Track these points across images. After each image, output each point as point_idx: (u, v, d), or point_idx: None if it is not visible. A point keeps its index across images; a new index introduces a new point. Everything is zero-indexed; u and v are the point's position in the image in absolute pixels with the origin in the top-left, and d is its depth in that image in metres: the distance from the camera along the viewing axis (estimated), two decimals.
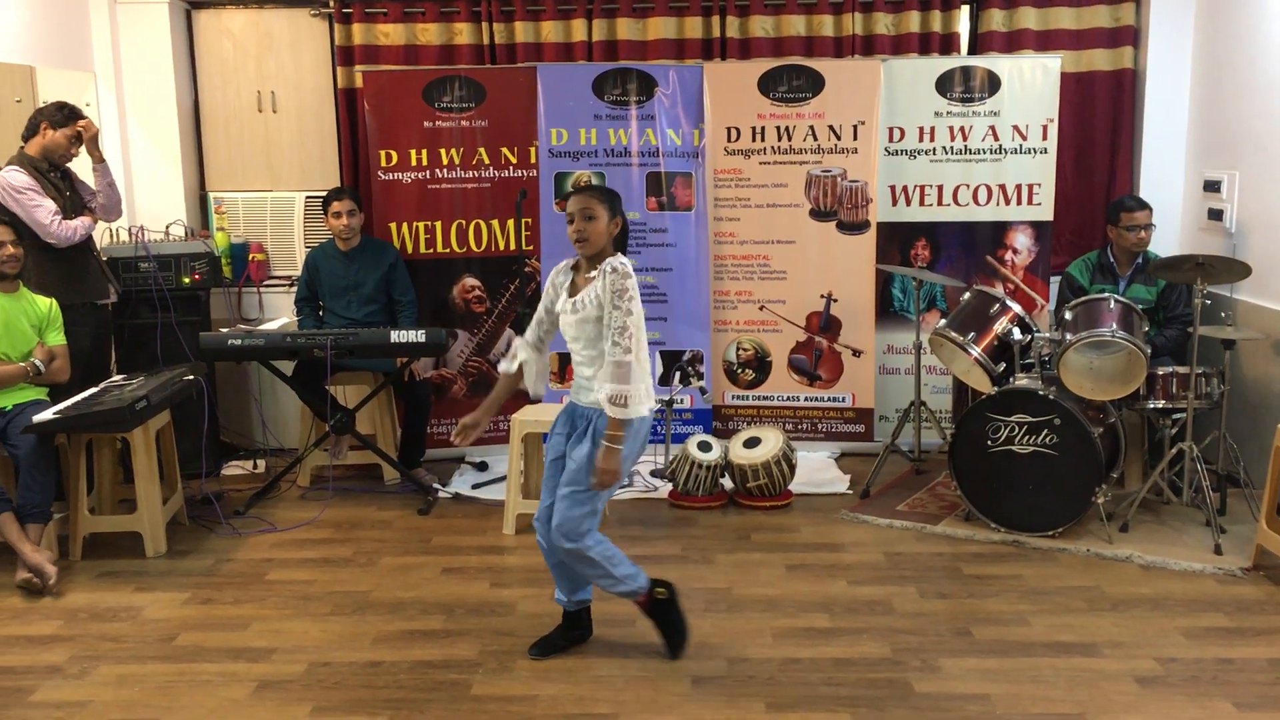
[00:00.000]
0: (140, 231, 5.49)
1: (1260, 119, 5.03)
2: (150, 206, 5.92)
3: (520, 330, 5.66)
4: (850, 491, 5.27)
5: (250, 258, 6.01)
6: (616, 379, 3.27)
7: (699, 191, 5.72)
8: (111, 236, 5.51)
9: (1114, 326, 4.45)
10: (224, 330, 5.18)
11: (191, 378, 4.88)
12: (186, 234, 5.72)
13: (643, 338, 3.32)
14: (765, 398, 5.87)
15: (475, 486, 5.45)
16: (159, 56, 5.87)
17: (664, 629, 3.63)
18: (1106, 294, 4.71)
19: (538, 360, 3.68)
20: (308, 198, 6.04)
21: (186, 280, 5.51)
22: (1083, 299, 4.71)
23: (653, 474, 5.50)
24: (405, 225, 5.73)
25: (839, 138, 5.65)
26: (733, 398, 5.89)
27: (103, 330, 5.19)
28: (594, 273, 3.34)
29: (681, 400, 5.78)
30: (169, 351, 5.39)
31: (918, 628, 3.81)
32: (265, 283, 6.06)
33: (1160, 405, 4.66)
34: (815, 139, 5.66)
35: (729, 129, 5.69)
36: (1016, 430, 4.55)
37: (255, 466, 5.83)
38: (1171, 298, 5.05)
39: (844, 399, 5.81)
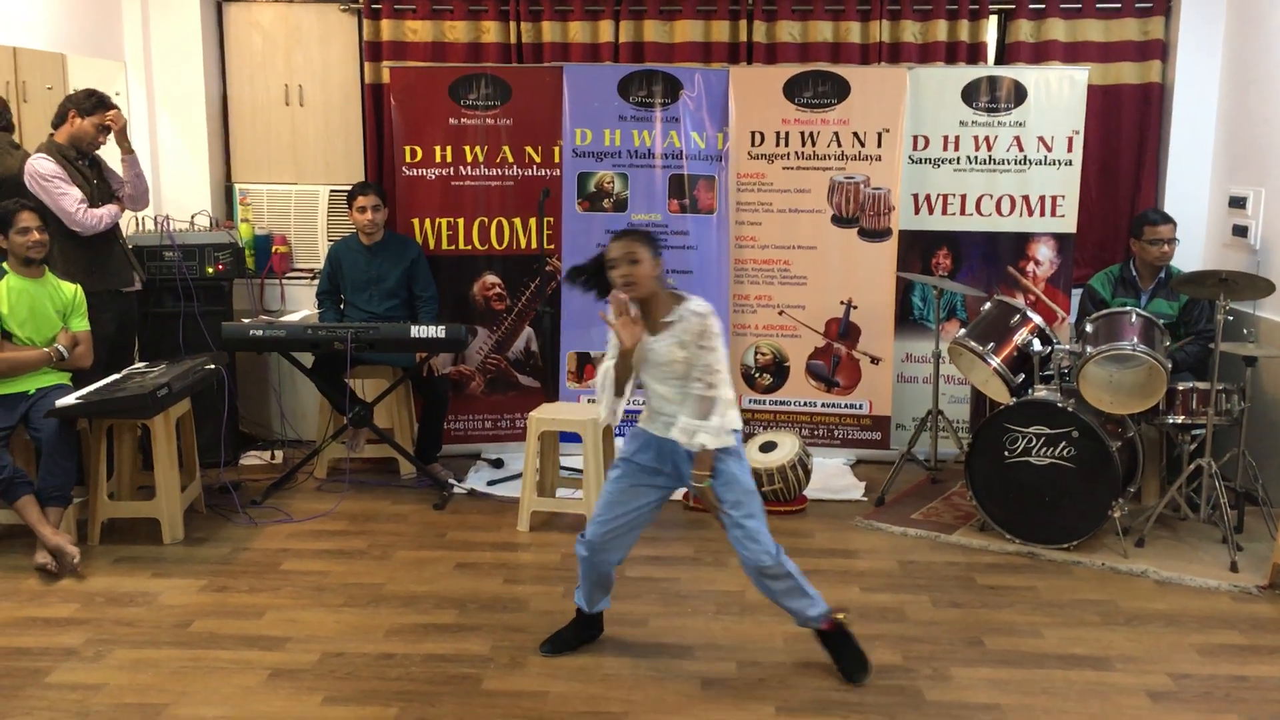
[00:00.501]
0: (166, 221, 5.53)
1: None
2: (176, 196, 5.97)
3: (539, 328, 5.71)
4: (865, 499, 5.27)
5: (273, 250, 6.05)
6: (702, 414, 3.33)
7: (721, 195, 5.72)
8: (137, 225, 5.56)
9: (1135, 340, 4.44)
10: (246, 321, 5.22)
11: (213, 367, 4.92)
12: (211, 224, 5.77)
13: (726, 369, 3.37)
14: (782, 402, 5.87)
15: (490, 483, 5.47)
16: (189, 47, 5.92)
17: (844, 654, 3.53)
18: (1128, 308, 4.70)
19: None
20: (332, 191, 6.08)
21: (210, 270, 5.55)
22: (1104, 312, 4.69)
23: None
24: (428, 221, 5.76)
25: (863, 144, 5.65)
26: (750, 402, 5.89)
27: (127, 318, 5.23)
28: (670, 317, 3.35)
29: None
30: (191, 340, 5.44)
31: (930, 636, 3.80)
32: (288, 275, 6.10)
33: (1180, 421, 4.64)
34: (839, 145, 5.66)
35: (753, 133, 5.70)
36: (1034, 442, 4.54)
37: (273, 457, 5.86)
38: (1194, 313, 5.03)
39: (861, 406, 5.81)
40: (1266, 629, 3.88)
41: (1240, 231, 5.38)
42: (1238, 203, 5.40)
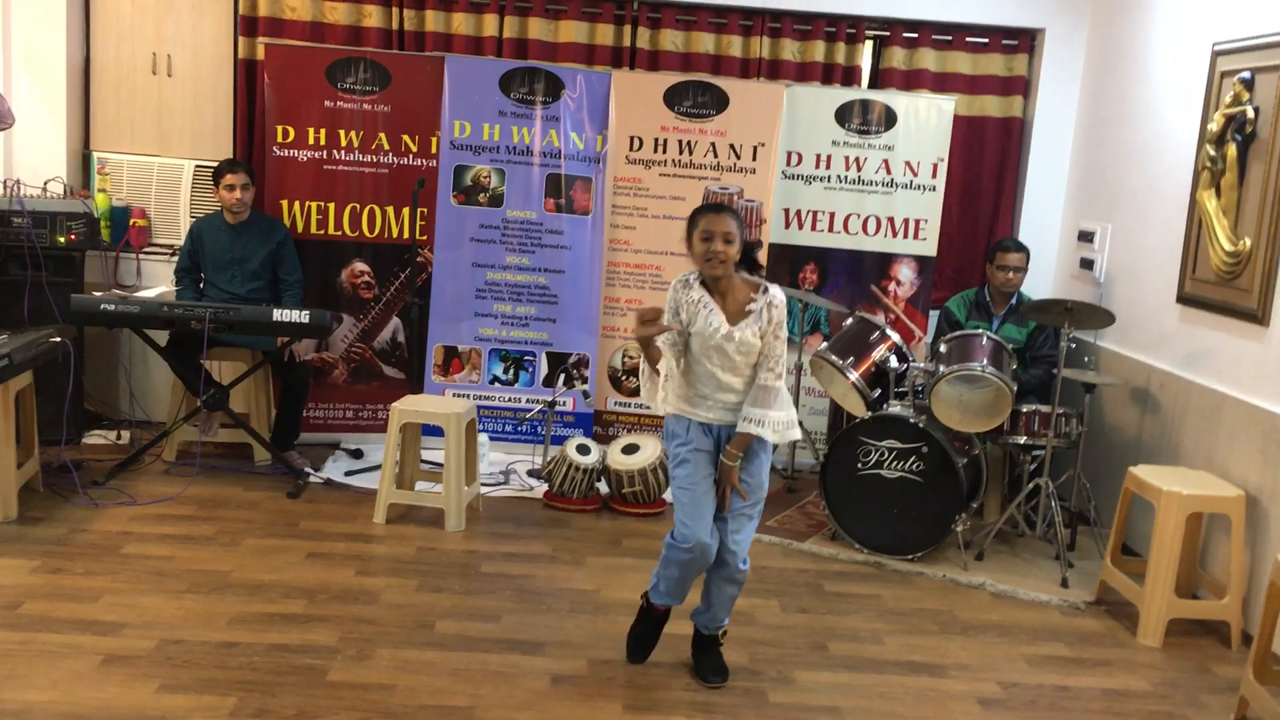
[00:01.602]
0: (16, 185, 5.28)
1: (1135, 176, 5.29)
2: (29, 161, 5.69)
3: (407, 319, 5.63)
4: None
5: (131, 223, 5.82)
6: (767, 404, 3.33)
7: (597, 197, 5.75)
8: None
9: (984, 362, 4.62)
10: (97, 294, 5.02)
11: (59, 340, 4.71)
12: (66, 192, 5.53)
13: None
14: (647, 406, 5.90)
15: (348, 473, 5.38)
16: (51, 5, 5.64)
17: (715, 659, 3.60)
18: (980, 330, 4.89)
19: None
20: (198, 166, 5.88)
21: (62, 240, 5.32)
22: (957, 334, 4.88)
23: (529, 473, 5.50)
24: (298, 204, 5.63)
25: (739, 157, 5.75)
26: (615, 404, 5.93)
27: None
28: (752, 305, 3.32)
29: (564, 403, 5.80)
30: (38, 311, 5.20)
31: (777, 640, 3.89)
32: (145, 250, 5.88)
33: (1022, 441, 4.85)
34: (715, 156, 5.75)
35: (632, 138, 5.75)
36: (886, 455, 4.69)
37: (119, 437, 5.64)
38: (1039, 339, 5.27)
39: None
40: (1091, 642, 4.08)
41: (1087, 264, 5.66)
42: (1086, 237, 5.68)
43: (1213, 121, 4.58)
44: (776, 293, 3.36)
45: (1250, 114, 4.35)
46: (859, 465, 4.73)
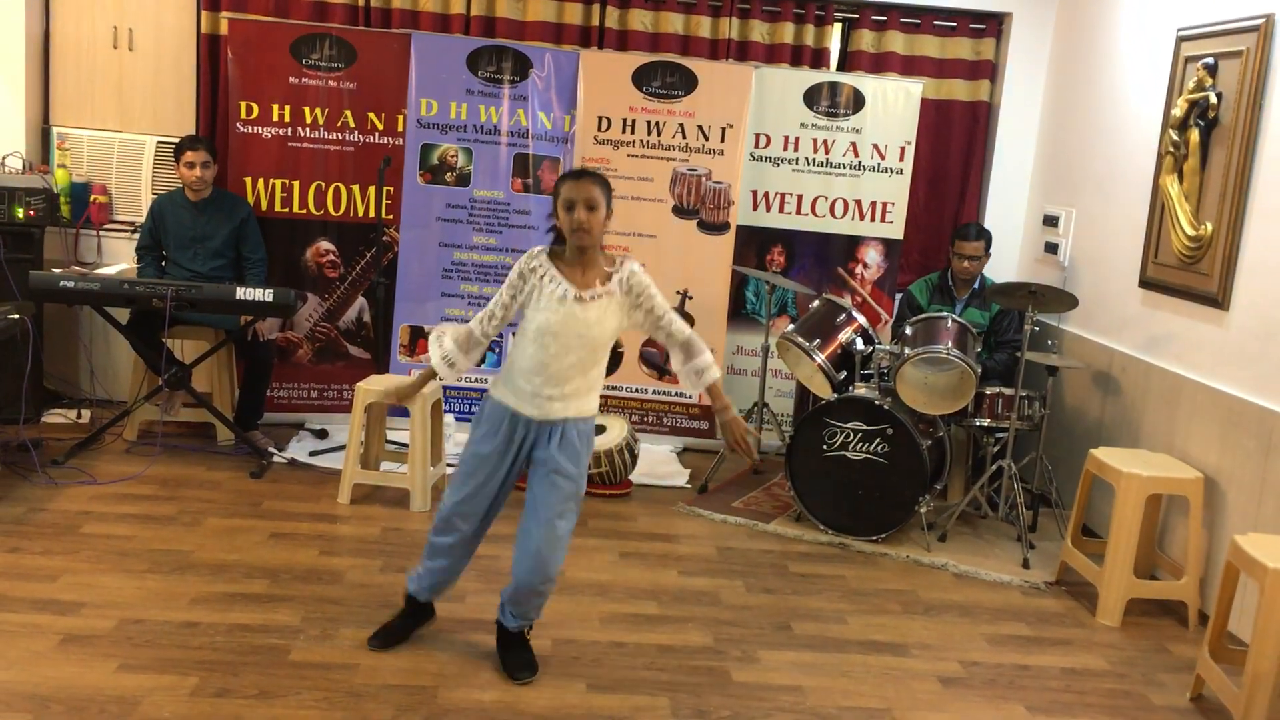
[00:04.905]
0: None
1: (1100, 161, 5.33)
2: None
3: (373, 299, 5.59)
4: (689, 485, 5.37)
5: (92, 199, 5.73)
6: (702, 349, 3.32)
7: None
8: None
9: (949, 345, 4.65)
10: (56, 271, 4.94)
11: (17, 317, 4.64)
12: (25, 167, 5.44)
13: None
14: (614, 388, 5.92)
15: (313, 454, 5.34)
16: None
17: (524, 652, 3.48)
18: (945, 313, 4.92)
19: (475, 356, 3.41)
20: (159, 143, 5.80)
21: (20, 215, 5.24)
22: (922, 316, 4.91)
23: None
24: (261, 181, 5.57)
25: (707, 138, 5.74)
26: None
27: None
28: (610, 284, 3.18)
29: None
30: None
31: (741, 620, 3.91)
32: (106, 226, 5.80)
33: (985, 423, 4.89)
34: (684, 137, 5.74)
35: (600, 118, 5.72)
36: (851, 437, 4.71)
37: (79, 416, 5.57)
38: (1004, 323, 5.30)
39: (690, 395, 5.91)
40: (1050, 622, 4.13)
41: (1051, 248, 5.70)
42: (1051, 221, 5.72)
43: (1176, 107, 4.62)
44: (633, 266, 3.24)
45: (1213, 99, 4.38)
46: (824, 447, 4.75)
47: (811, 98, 5.77)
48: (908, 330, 4.82)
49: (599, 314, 3.18)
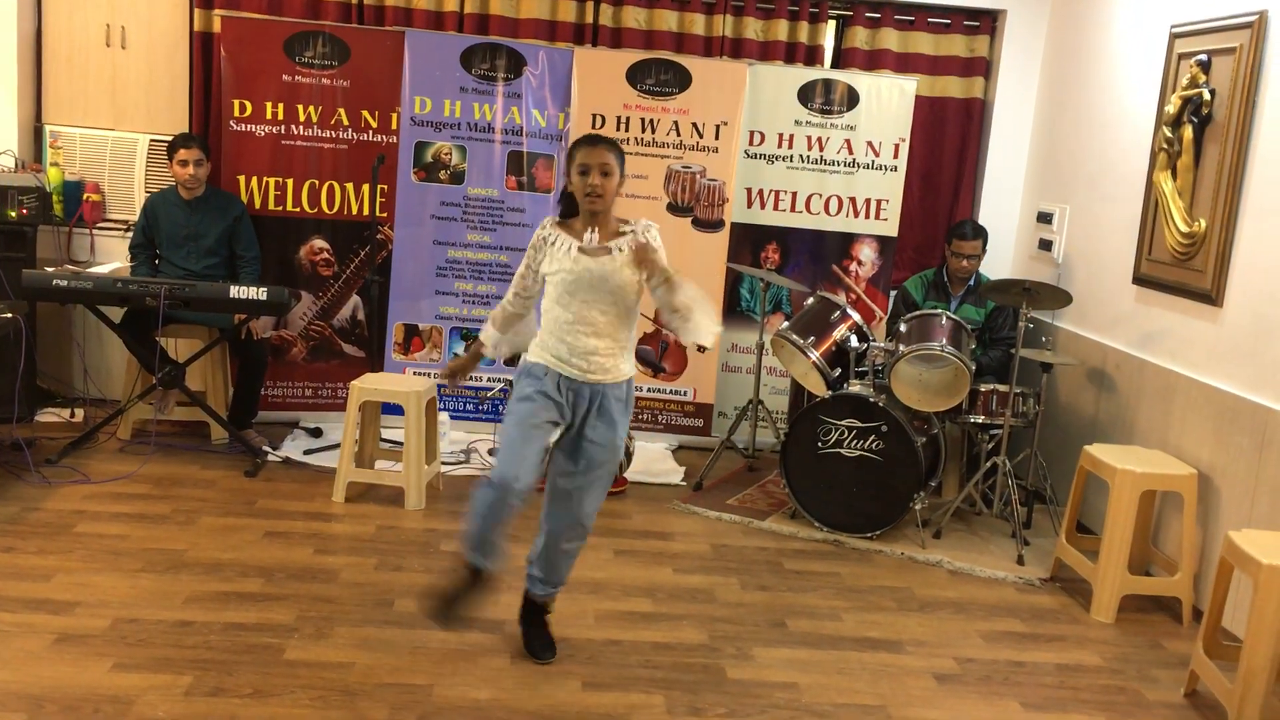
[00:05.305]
0: None
1: (1094, 158, 5.33)
2: None
3: (367, 297, 5.58)
4: (684, 483, 5.36)
5: (85, 197, 5.72)
6: (707, 312, 3.23)
7: (559, 175, 5.72)
8: None
9: (944, 342, 4.66)
10: (50, 270, 4.94)
11: (10, 316, 4.63)
12: (17, 166, 5.42)
13: None
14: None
15: (307, 452, 5.33)
16: None
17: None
18: (939, 310, 4.92)
19: (519, 327, 3.50)
20: (152, 141, 5.78)
21: (12, 214, 5.22)
22: (916, 313, 4.90)
23: (490, 452, 5.48)
24: (255, 179, 5.56)
25: (701, 136, 5.73)
26: None
27: None
28: (620, 241, 3.21)
29: None
30: None
31: (736, 617, 3.91)
32: (99, 225, 5.78)
33: (980, 420, 4.90)
34: (678, 134, 5.74)
35: (594, 115, 5.71)
36: (846, 434, 4.71)
37: (73, 415, 5.56)
38: (998, 320, 5.31)
39: (685, 393, 5.91)
40: (1045, 619, 4.14)
41: (1045, 245, 5.70)
42: (1045, 218, 5.73)
43: (1170, 103, 4.63)
44: (647, 221, 3.28)
45: (1207, 96, 4.39)
46: (819, 444, 4.75)
47: (806, 95, 5.77)
48: (902, 327, 4.82)
49: (612, 265, 3.22)
